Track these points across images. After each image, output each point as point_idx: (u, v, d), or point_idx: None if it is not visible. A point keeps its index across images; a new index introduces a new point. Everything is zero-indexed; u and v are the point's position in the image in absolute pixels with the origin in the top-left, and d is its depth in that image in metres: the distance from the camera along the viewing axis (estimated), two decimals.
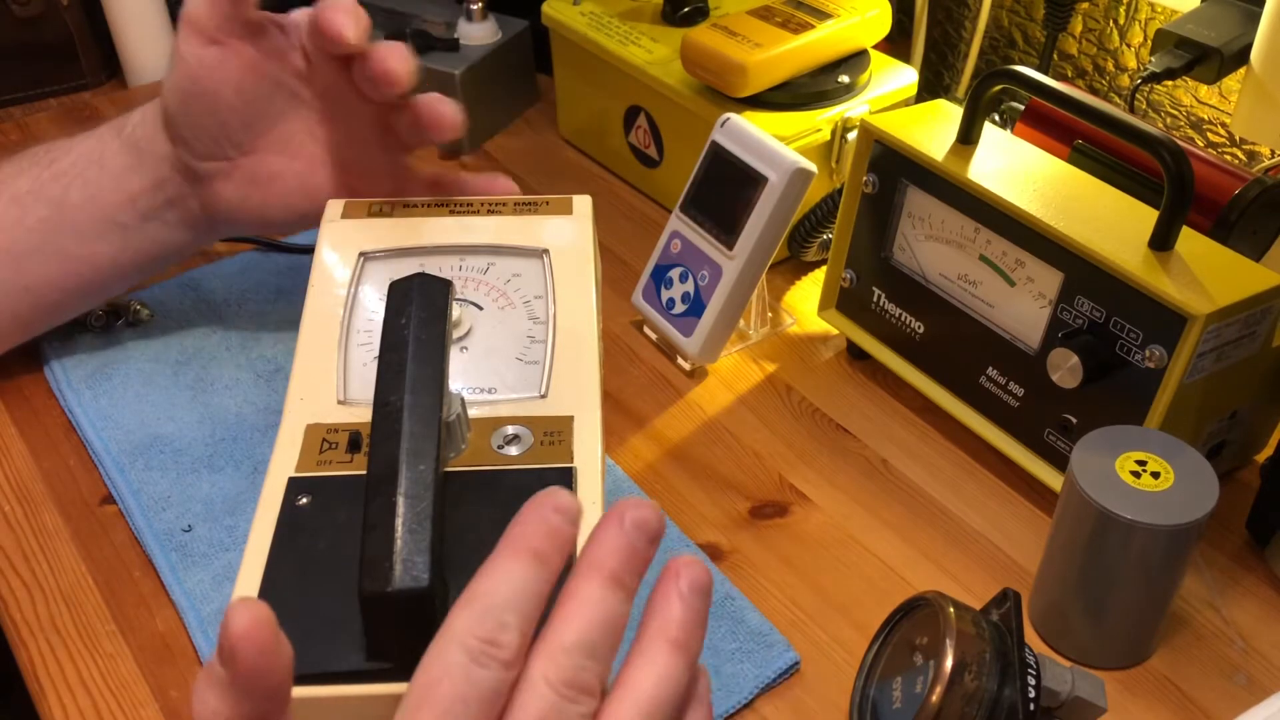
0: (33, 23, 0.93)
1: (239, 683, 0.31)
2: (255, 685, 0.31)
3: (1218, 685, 0.51)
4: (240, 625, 0.30)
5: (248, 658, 0.30)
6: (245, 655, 0.30)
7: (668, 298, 0.67)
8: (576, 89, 0.86)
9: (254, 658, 0.30)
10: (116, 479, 0.59)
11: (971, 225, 0.59)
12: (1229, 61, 0.65)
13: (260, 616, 0.31)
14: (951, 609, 0.44)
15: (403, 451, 0.42)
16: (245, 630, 0.30)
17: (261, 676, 0.31)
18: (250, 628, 0.30)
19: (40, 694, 0.51)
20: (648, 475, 0.61)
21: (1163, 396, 0.52)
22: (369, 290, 0.56)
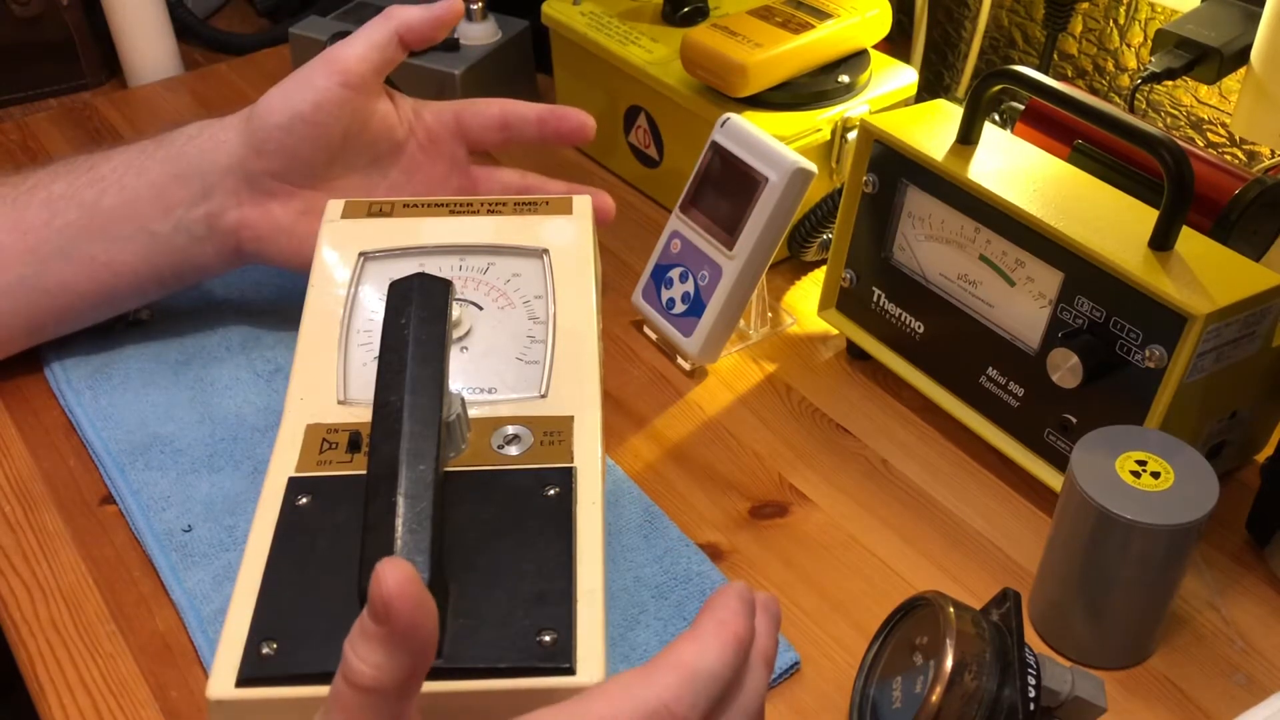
0: (33, 23, 0.93)
1: (396, 637, 0.33)
2: (411, 639, 0.33)
3: (1218, 685, 0.51)
4: (392, 583, 0.32)
5: (403, 612, 0.32)
6: (400, 610, 0.32)
7: (668, 298, 0.67)
8: (576, 89, 0.86)
9: (409, 612, 0.33)
10: (116, 479, 0.59)
11: (971, 225, 0.59)
12: (1229, 61, 0.65)
13: (409, 573, 0.33)
14: (951, 609, 0.44)
15: (403, 451, 0.42)
16: (398, 587, 0.32)
17: (417, 630, 0.33)
18: (403, 584, 0.32)
19: (40, 694, 0.51)
20: (648, 475, 0.61)
21: (1163, 396, 0.52)
22: (369, 290, 0.56)
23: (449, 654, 0.41)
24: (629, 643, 0.51)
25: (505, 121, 0.69)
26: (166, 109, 0.93)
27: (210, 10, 1.09)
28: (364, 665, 0.33)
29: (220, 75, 0.98)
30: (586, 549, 0.45)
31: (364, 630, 0.33)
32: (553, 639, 0.42)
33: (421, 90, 0.86)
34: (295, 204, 0.64)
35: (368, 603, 0.33)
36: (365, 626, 0.33)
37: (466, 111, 0.69)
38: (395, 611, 0.32)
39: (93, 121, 0.92)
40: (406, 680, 0.34)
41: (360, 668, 0.33)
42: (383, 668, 0.33)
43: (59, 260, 0.61)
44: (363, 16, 0.91)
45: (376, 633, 0.33)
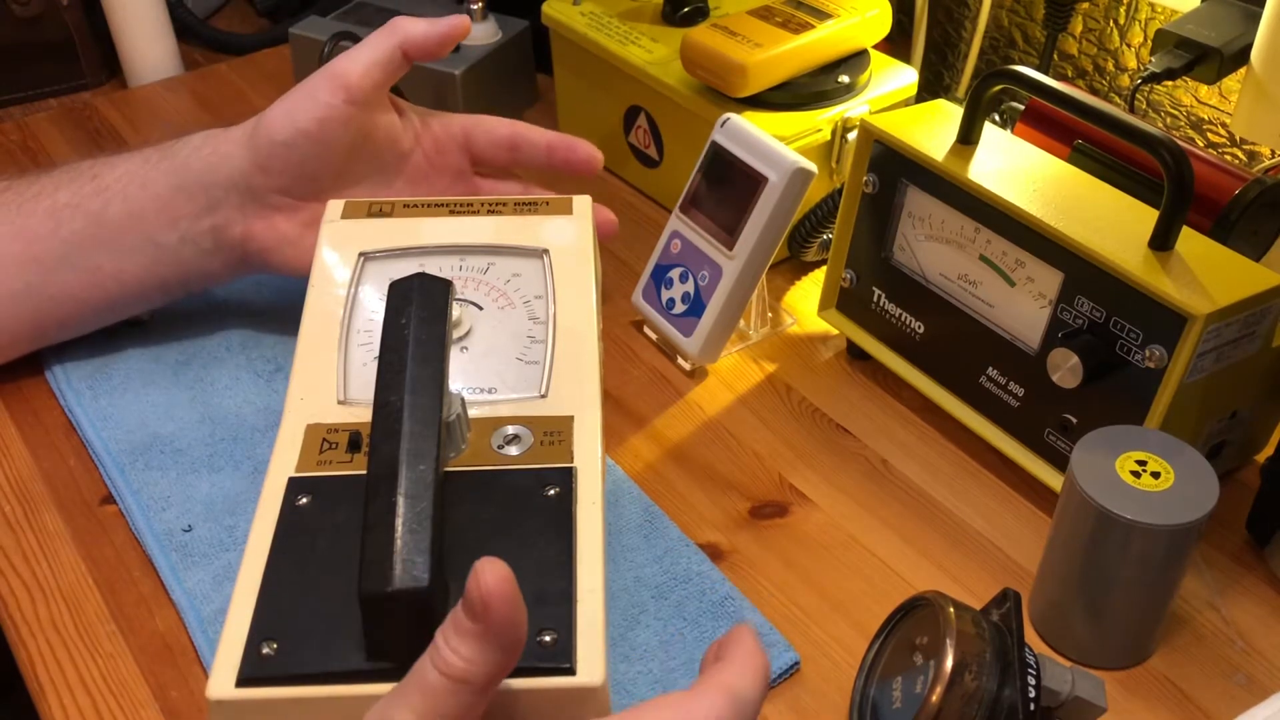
0: (33, 23, 0.93)
1: (491, 634, 0.35)
2: (505, 635, 0.35)
3: (1218, 685, 0.51)
4: (491, 581, 0.34)
5: (500, 610, 0.34)
6: (498, 608, 0.34)
7: (668, 298, 0.67)
8: (576, 89, 0.86)
9: (506, 611, 0.34)
10: (116, 479, 0.59)
11: (971, 225, 0.59)
12: (1229, 61, 0.65)
13: (505, 574, 0.35)
14: (951, 609, 0.44)
15: (403, 451, 0.42)
16: (497, 586, 0.34)
17: (511, 628, 0.35)
18: (501, 583, 0.34)
19: (40, 694, 0.51)
20: (648, 475, 0.61)
21: (1163, 396, 0.52)
22: (369, 290, 0.56)
23: None
24: (629, 643, 0.51)
25: (515, 144, 0.68)
26: (166, 109, 0.93)
27: (210, 10, 1.09)
28: (456, 658, 0.35)
29: (220, 75, 0.98)
30: (586, 549, 0.45)
31: (458, 625, 0.35)
32: (553, 639, 0.42)
33: (421, 90, 0.86)
34: (301, 216, 0.63)
35: (464, 598, 0.35)
36: (460, 621, 0.35)
37: (476, 129, 0.68)
38: (493, 609, 0.34)
39: (93, 121, 0.92)
40: (495, 675, 0.35)
41: (453, 659, 0.35)
42: (475, 662, 0.35)
43: (64, 269, 0.61)
44: (363, 17, 0.91)
45: (472, 629, 0.35)
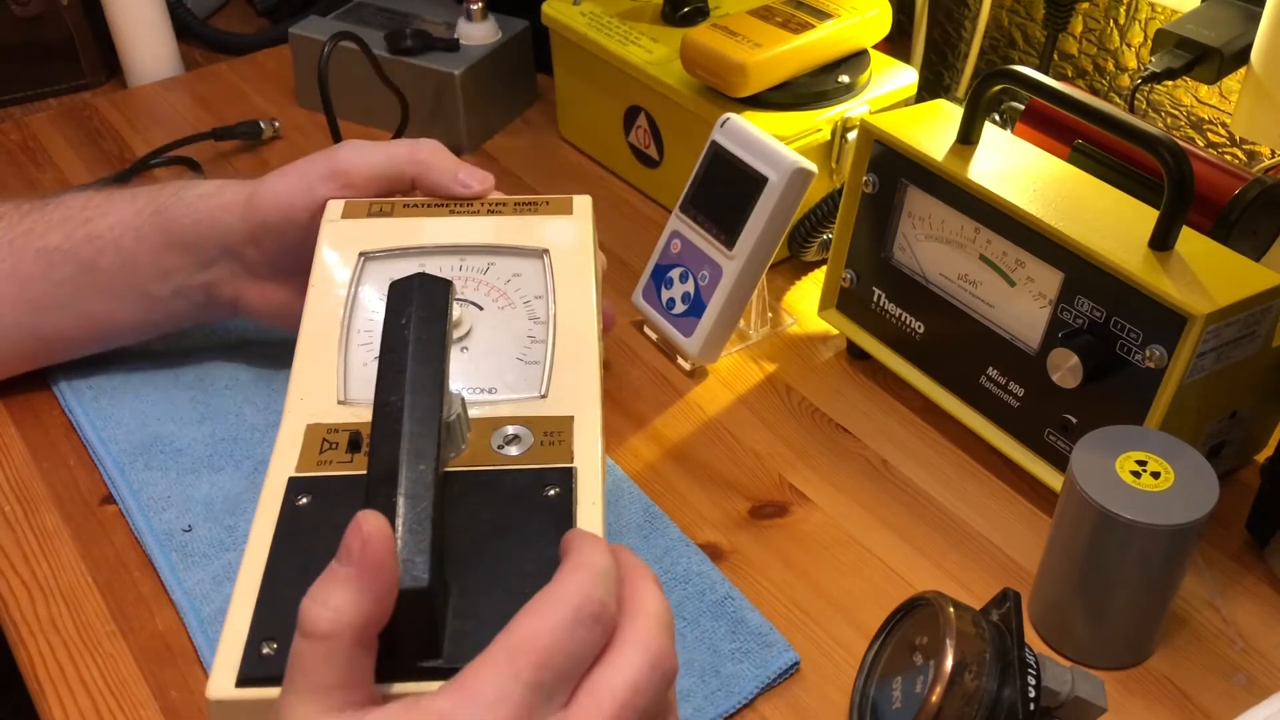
0: (33, 23, 0.93)
1: (364, 577, 0.35)
2: (378, 580, 0.35)
3: (1218, 685, 0.51)
4: (371, 525, 0.35)
5: (375, 552, 0.35)
6: (374, 549, 0.35)
7: (668, 298, 0.67)
8: (576, 89, 0.86)
9: (380, 553, 0.35)
10: (116, 479, 0.59)
11: (971, 225, 0.59)
12: (1229, 61, 0.65)
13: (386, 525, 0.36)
14: (951, 609, 0.44)
15: (403, 451, 0.42)
16: (376, 529, 0.35)
17: (384, 572, 0.35)
18: (380, 527, 0.35)
19: (40, 694, 0.51)
20: (648, 475, 0.61)
21: (1163, 396, 0.52)
22: (369, 290, 0.56)
23: (449, 654, 0.41)
24: None
25: None
26: (166, 109, 0.93)
27: (210, 10, 1.09)
28: (323, 609, 0.34)
29: (220, 75, 0.98)
30: None
31: (328, 575, 0.35)
32: None
33: (421, 90, 0.86)
34: (294, 284, 0.61)
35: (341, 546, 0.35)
36: (331, 572, 0.35)
37: None
38: (371, 549, 0.35)
39: (93, 121, 0.92)
40: (364, 625, 0.35)
41: (319, 612, 0.34)
42: (342, 609, 0.34)
43: (56, 312, 0.61)
44: (362, 16, 0.91)
45: (343, 573, 0.35)
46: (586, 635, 0.35)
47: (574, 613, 0.35)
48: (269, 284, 0.62)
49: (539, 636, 0.35)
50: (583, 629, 0.35)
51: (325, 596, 0.35)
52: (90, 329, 0.62)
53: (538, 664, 0.34)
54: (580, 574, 0.36)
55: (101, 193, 0.63)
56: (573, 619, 0.35)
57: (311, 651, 0.35)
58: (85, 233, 0.61)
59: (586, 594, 0.36)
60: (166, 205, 0.61)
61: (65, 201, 0.62)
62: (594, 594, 0.36)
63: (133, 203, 0.62)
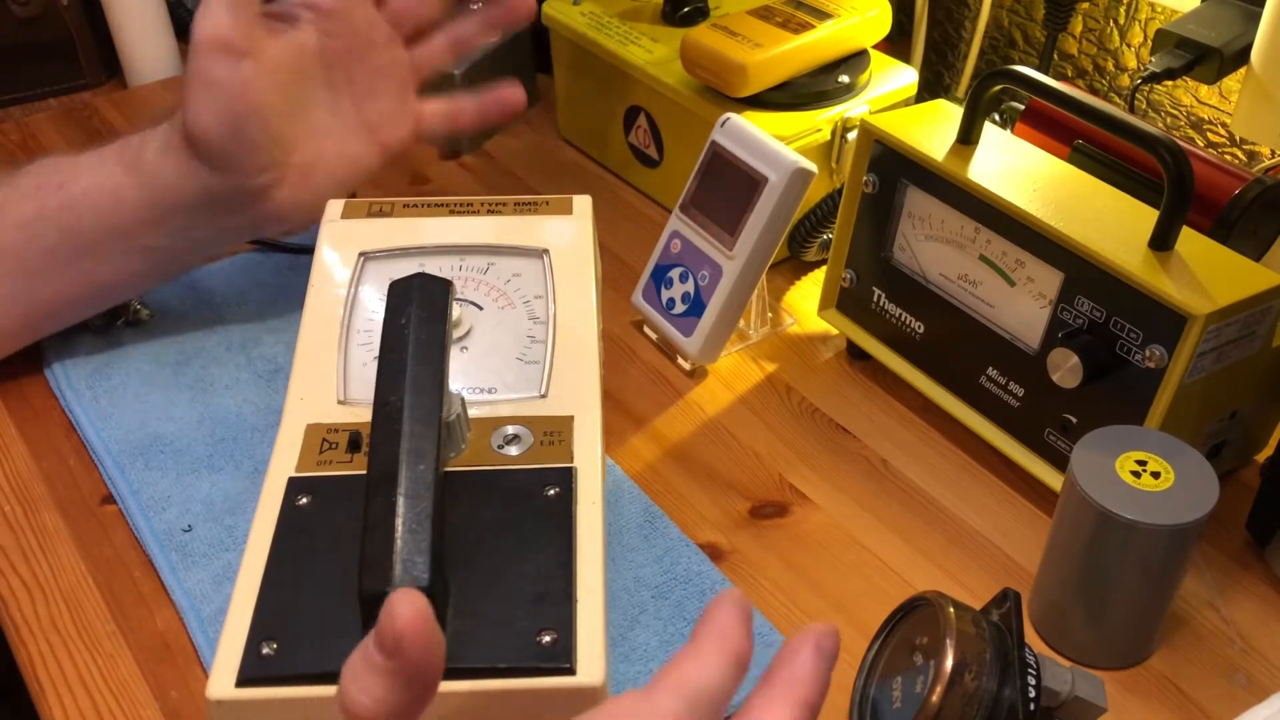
0: (33, 23, 0.93)
1: (405, 672, 0.31)
2: (419, 675, 0.32)
3: (1218, 685, 0.51)
4: (405, 617, 0.31)
5: (414, 649, 0.31)
6: (412, 647, 0.31)
7: (668, 298, 0.67)
8: (576, 89, 0.86)
9: (420, 650, 0.31)
10: (116, 479, 0.59)
11: (971, 225, 0.59)
12: (1229, 61, 0.65)
13: (421, 608, 0.31)
14: (951, 609, 0.44)
15: (403, 451, 0.42)
16: (411, 623, 0.31)
17: (426, 667, 0.32)
18: (415, 619, 0.31)
19: (40, 694, 0.51)
20: (648, 475, 0.61)
21: (1163, 396, 0.52)
22: (369, 290, 0.56)
23: (449, 654, 0.41)
24: (629, 643, 0.51)
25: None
26: (166, 108, 0.93)
27: None
28: (364, 697, 0.32)
29: None
30: (586, 549, 0.45)
31: (368, 661, 0.32)
32: (553, 639, 0.42)
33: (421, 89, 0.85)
34: (293, 176, 0.60)
35: (377, 635, 0.31)
36: (370, 658, 0.32)
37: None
38: (407, 648, 0.31)
39: (93, 121, 0.92)
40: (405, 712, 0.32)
41: (360, 699, 0.32)
42: (383, 701, 0.32)
43: (49, 277, 0.61)
44: None
45: (383, 666, 0.32)
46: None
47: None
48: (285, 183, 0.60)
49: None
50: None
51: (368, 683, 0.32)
52: (92, 287, 0.62)
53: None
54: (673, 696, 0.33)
55: (69, 158, 0.61)
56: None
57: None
58: (59, 200, 0.59)
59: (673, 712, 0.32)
60: (135, 163, 0.60)
61: (33, 170, 0.61)
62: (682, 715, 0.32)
63: (101, 164, 0.60)
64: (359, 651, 0.32)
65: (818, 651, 0.34)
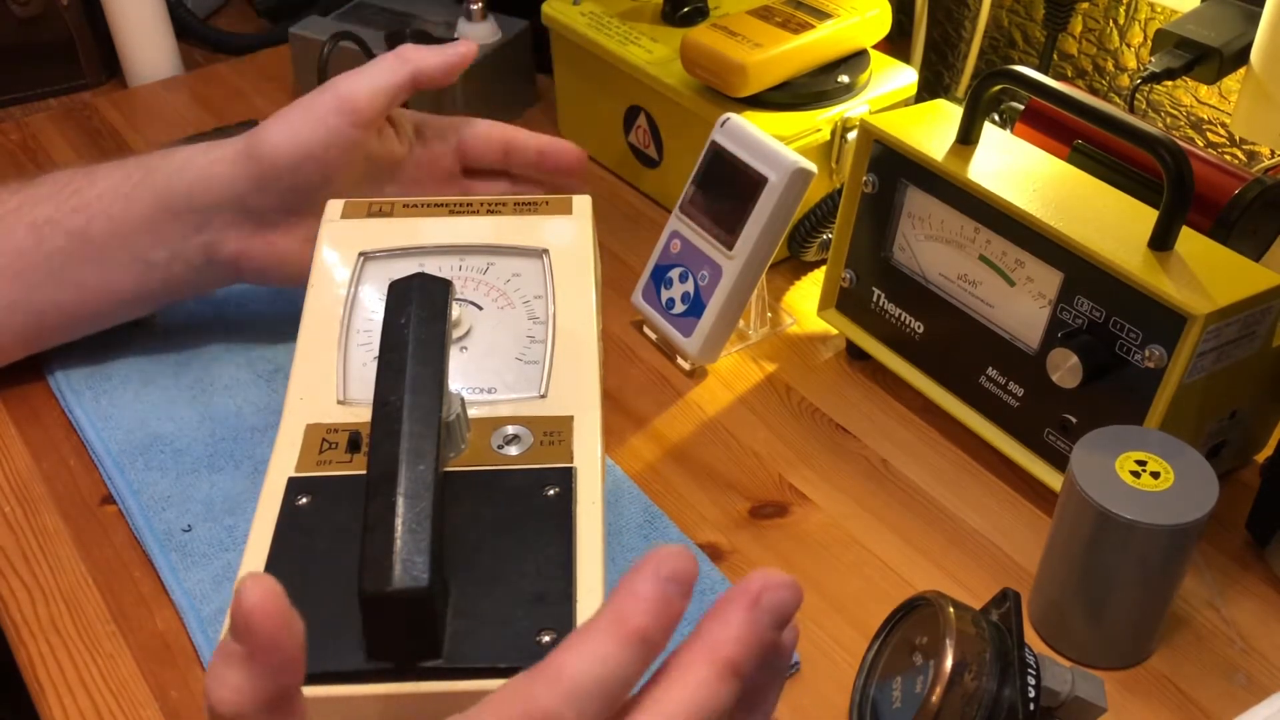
0: (33, 23, 0.93)
1: (257, 656, 0.31)
2: (272, 658, 0.31)
3: (1218, 685, 0.51)
4: (252, 598, 0.30)
5: (264, 630, 0.30)
6: (261, 627, 0.30)
7: (667, 298, 0.67)
8: (576, 89, 0.86)
9: (270, 630, 0.31)
10: (116, 479, 0.59)
11: (971, 225, 0.59)
12: (1229, 61, 0.65)
13: (271, 589, 0.31)
14: (951, 609, 0.44)
15: (403, 451, 0.42)
16: (259, 602, 0.30)
17: (278, 648, 0.31)
18: (263, 600, 0.30)
19: (40, 694, 0.51)
20: (648, 475, 0.61)
21: (1162, 396, 0.52)
22: (369, 290, 0.56)
23: (449, 654, 0.41)
24: None
25: (507, 149, 0.68)
26: (166, 109, 0.93)
27: (210, 10, 1.09)
28: (223, 690, 0.31)
29: (220, 75, 0.98)
30: (586, 549, 0.45)
31: (224, 651, 0.31)
32: (553, 639, 0.42)
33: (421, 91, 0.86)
34: (298, 233, 0.62)
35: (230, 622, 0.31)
36: (226, 647, 0.31)
37: (469, 135, 0.68)
38: (256, 627, 0.30)
39: (93, 121, 0.92)
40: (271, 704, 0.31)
41: (220, 694, 0.31)
42: (242, 690, 0.31)
43: (50, 285, 0.61)
44: (363, 16, 0.91)
45: (237, 652, 0.31)
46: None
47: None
48: (273, 233, 0.62)
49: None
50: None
51: (224, 674, 0.31)
52: (86, 300, 0.62)
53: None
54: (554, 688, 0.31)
55: (88, 166, 0.63)
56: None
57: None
58: (74, 203, 0.61)
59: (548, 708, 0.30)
60: (155, 168, 0.61)
61: (53, 177, 0.62)
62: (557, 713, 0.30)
63: (120, 169, 0.62)
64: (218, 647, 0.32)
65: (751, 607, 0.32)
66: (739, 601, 0.32)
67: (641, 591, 0.31)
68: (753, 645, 0.32)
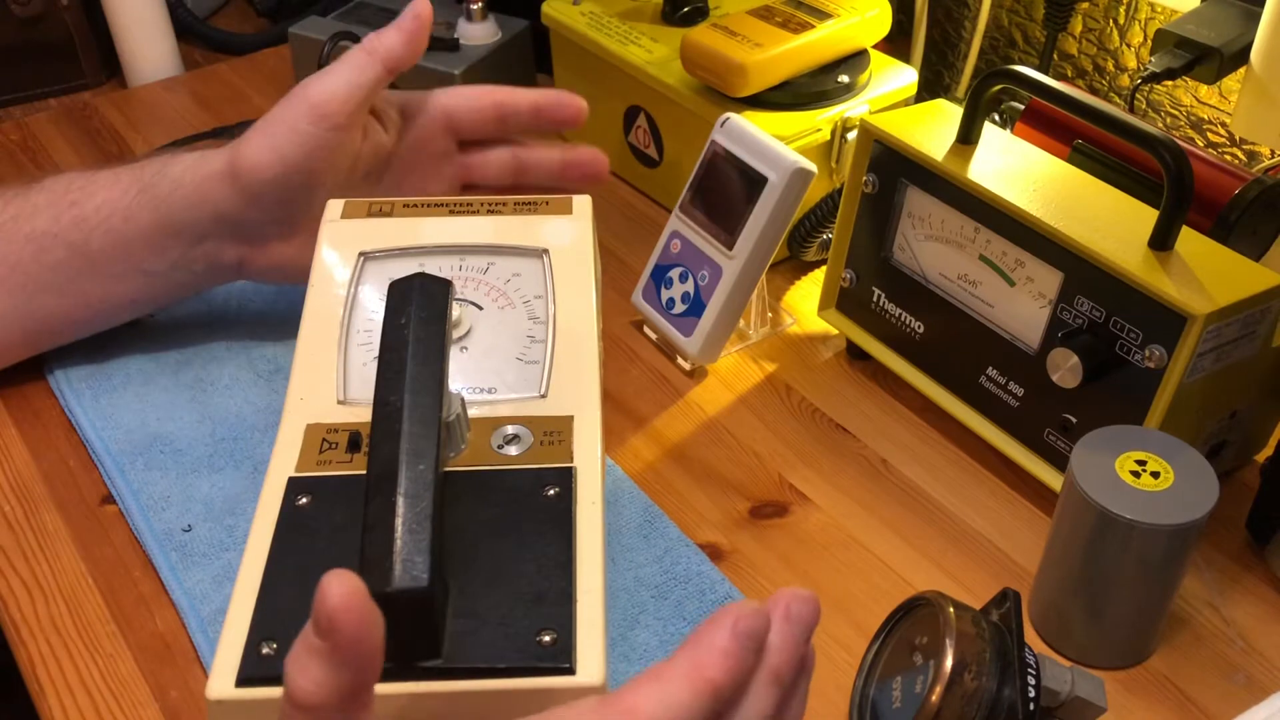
0: (33, 23, 0.93)
1: (340, 653, 0.32)
2: (355, 654, 0.32)
3: (1218, 685, 0.51)
4: (337, 597, 0.31)
5: (348, 628, 0.32)
6: (346, 625, 0.31)
7: (668, 298, 0.67)
8: (576, 89, 0.85)
9: (354, 628, 0.32)
10: (116, 479, 0.59)
11: (971, 225, 0.59)
12: (1229, 61, 0.65)
13: (354, 586, 0.32)
14: (951, 609, 0.44)
15: (403, 451, 0.42)
16: (343, 601, 0.31)
17: (361, 644, 0.32)
18: (346, 597, 0.31)
19: (40, 694, 0.51)
20: (648, 475, 0.61)
21: (1163, 396, 0.52)
22: (369, 290, 0.56)
23: (449, 654, 0.41)
24: (629, 643, 0.51)
25: (499, 113, 0.66)
26: (166, 109, 0.93)
27: (210, 10, 1.09)
28: (306, 682, 0.32)
29: (220, 75, 0.98)
30: (586, 549, 0.45)
31: (307, 645, 0.32)
32: (553, 639, 0.42)
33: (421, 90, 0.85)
34: (296, 240, 0.62)
35: (312, 617, 0.32)
36: (309, 642, 0.32)
37: (458, 106, 0.66)
38: (340, 624, 0.31)
39: (93, 121, 0.92)
40: (351, 696, 0.33)
41: (302, 684, 0.32)
42: (324, 685, 0.32)
43: (50, 294, 0.61)
44: (362, 16, 0.91)
45: (319, 648, 0.32)
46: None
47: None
48: (270, 242, 0.62)
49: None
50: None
51: (305, 666, 0.32)
52: (89, 309, 0.62)
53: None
54: None
55: (84, 174, 0.62)
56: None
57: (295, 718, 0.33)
58: (72, 216, 0.60)
59: None
60: (152, 183, 0.60)
61: (48, 186, 0.62)
62: None
63: (117, 183, 0.61)
64: (300, 639, 0.33)
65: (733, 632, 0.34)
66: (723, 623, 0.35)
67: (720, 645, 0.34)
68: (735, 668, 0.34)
